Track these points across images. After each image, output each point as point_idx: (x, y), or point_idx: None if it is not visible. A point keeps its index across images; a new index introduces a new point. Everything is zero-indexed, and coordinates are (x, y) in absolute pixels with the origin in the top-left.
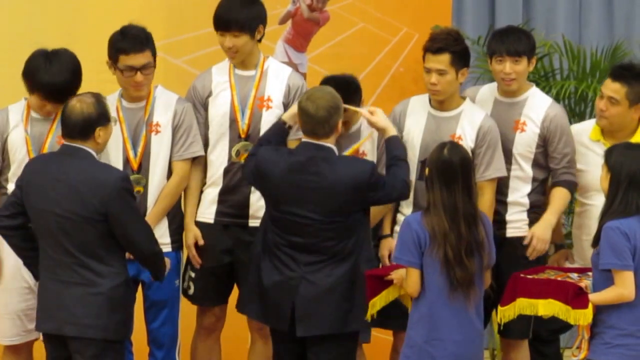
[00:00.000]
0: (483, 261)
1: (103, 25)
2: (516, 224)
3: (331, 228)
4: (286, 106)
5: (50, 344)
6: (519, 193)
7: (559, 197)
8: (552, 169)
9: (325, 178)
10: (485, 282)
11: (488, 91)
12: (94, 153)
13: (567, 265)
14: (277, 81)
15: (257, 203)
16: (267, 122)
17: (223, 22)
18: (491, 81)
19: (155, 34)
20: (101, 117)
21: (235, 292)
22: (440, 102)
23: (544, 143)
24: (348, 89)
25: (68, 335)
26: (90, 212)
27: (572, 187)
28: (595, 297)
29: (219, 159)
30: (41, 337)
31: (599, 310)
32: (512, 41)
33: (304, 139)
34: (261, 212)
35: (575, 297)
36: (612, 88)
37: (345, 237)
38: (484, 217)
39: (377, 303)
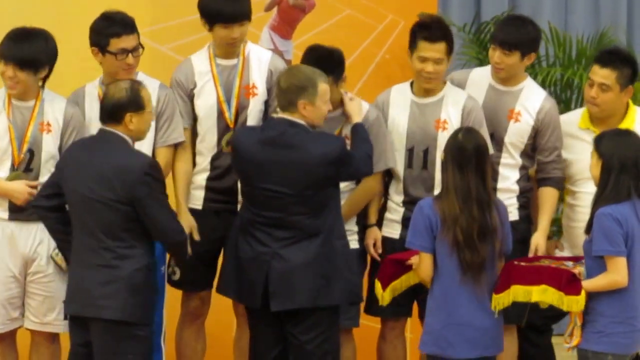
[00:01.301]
0: (495, 247)
1: (88, 13)
2: (507, 208)
3: (303, 203)
4: (269, 91)
5: (73, 329)
6: (509, 181)
7: (551, 199)
8: (540, 161)
9: (297, 152)
10: (497, 270)
11: (481, 75)
12: (127, 138)
13: (558, 254)
14: (260, 67)
15: None
16: (254, 109)
17: (230, 15)
18: (477, 66)
19: (140, 21)
20: (132, 103)
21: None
22: (427, 90)
23: (535, 135)
24: (330, 59)
25: (87, 317)
26: (115, 196)
27: (561, 184)
28: (588, 284)
29: (207, 149)
30: (24, 325)
31: (590, 297)
32: (509, 32)
33: (278, 115)
34: None
35: (569, 284)
36: (602, 74)
37: (317, 212)
38: (499, 204)
39: (397, 287)
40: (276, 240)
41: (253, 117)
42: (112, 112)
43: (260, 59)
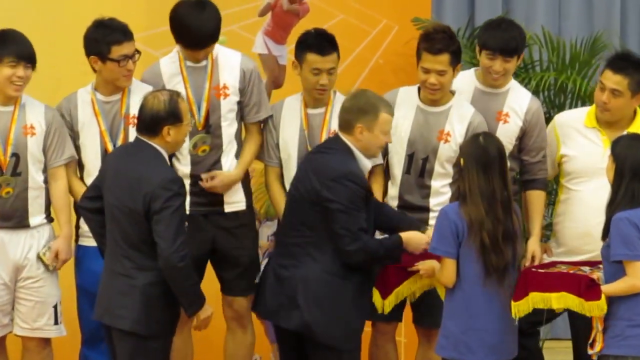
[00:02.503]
0: (516, 250)
1: (83, 19)
2: None
3: (312, 212)
4: (242, 91)
5: (105, 334)
6: None
7: (540, 202)
8: (527, 162)
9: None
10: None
11: (467, 79)
12: (162, 151)
13: (546, 258)
14: (231, 68)
15: (232, 188)
16: (226, 109)
17: (200, 42)
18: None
19: (135, 26)
20: (170, 116)
21: (209, 281)
22: (433, 100)
23: (522, 136)
24: (325, 36)
25: (106, 324)
26: (134, 206)
27: (547, 185)
28: (607, 288)
29: (183, 154)
30: (14, 331)
31: (608, 302)
32: (507, 39)
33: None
34: (236, 197)
35: (588, 289)
36: (614, 80)
37: (320, 226)
38: (515, 207)
39: (401, 293)
40: (289, 250)
41: (225, 117)
42: (149, 123)
43: (231, 60)
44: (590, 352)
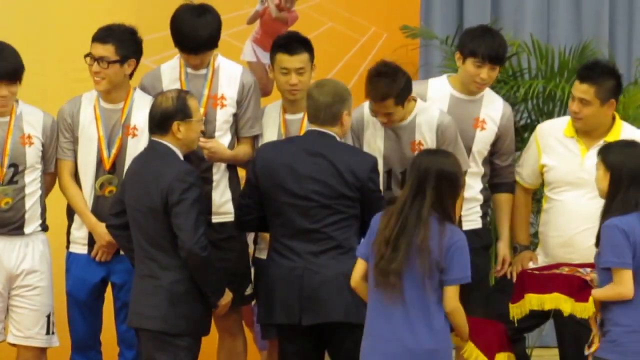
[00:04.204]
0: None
1: (72, 26)
2: (471, 216)
3: (333, 214)
4: (239, 103)
5: (137, 339)
6: (473, 190)
7: (508, 205)
8: (497, 166)
9: (329, 162)
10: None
11: (440, 86)
12: (174, 149)
13: (531, 266)
14: (230, 79)
15: (221, 199)
16: (221, 120)
17: (187, 48)
18: None
19: None
20: (179, 112)
21: None
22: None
23: (496, 140)
24: (295, 37)
25: (135, 328)
26: (153, 204)
27: (514, 188)
28: (596, 293)
29: None
30: (7, 340)
31: (606, 308)
32: (497, 47)
33: (309, 127)
34: (225, 208)
35: (579, 291)
36: (581, 89)
37: (347, 227)
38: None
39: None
40: (307, 254)
41: (219, 128)
42: (159, 121)
43: (231, 71)
44: (586, 352)
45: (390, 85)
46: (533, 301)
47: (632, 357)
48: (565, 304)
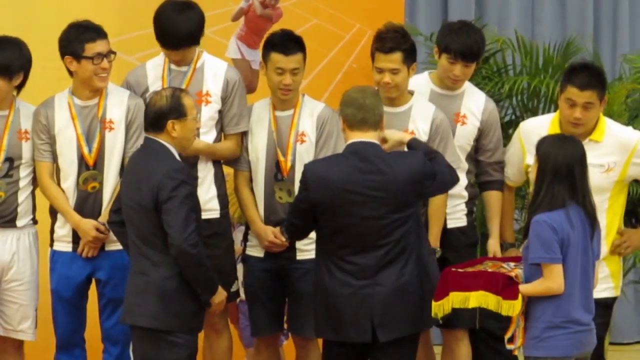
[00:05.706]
0: None
1: (55, 23)
2: (456, 214)
3: (396, 225)
4: (224, 100)
5: (133, 338)
6: (459, 186)
7: (497, 203)
8: (483, 163)
9: (385, 174)
10: None
11: (422, 82)
12: (169, 147)
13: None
14: (216, 76)
15: (206, 196)
16: (206, 116)
17: (172, 43)
18: None
19: (108, 31)
20: (173, 110)
21: None
22: (391, 99)
23: (479, 136)
24: (291, 37)
25: (128, 325)
26: (143, 201)
27: (503, 185)
28: (524, 289)
29: None
30: None
31: (527, 303)
32: (470, 44)
33: (351, 140)
34: (210, 205)
35: (506, 288)
36: (585, 96)
37: (409, 232)
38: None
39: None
40: (372, 269)
41: (204, 124)
42: (154, 119)
43: (216, 68)
44: (509, 347)
45: (400, 39)
46: (456, 299)
47: (559, 351)
48: (492, 301)
